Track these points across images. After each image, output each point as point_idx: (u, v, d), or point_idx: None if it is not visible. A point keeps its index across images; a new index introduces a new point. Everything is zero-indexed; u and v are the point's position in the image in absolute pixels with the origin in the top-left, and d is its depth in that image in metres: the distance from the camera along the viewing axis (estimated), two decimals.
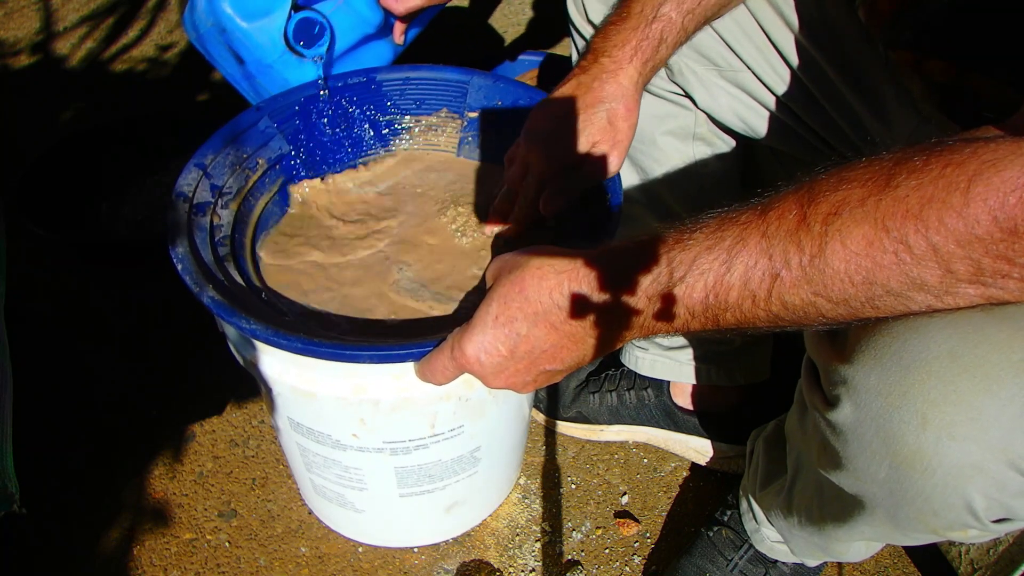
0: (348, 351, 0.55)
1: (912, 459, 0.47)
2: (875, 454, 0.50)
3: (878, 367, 0.48)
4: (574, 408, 0.97)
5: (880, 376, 0.48)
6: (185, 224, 0.64)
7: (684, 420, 0.95)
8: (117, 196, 1.25)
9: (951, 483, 0.47)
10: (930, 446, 0.46)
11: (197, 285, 0.58)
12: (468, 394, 0.67)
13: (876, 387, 0.48)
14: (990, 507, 0.47)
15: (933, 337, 0.46)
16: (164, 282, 0.67)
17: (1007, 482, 0.46)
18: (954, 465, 0.46)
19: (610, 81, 0.64)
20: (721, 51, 0.73)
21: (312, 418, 0.69)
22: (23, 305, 1.14)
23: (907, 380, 0.47)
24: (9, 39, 1.69)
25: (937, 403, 0.45)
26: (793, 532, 0.72)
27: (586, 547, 0.89)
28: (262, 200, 0.74)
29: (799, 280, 0.43)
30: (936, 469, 0.47)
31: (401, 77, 0.79)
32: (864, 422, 0.49)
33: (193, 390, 1.03)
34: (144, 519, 0.90)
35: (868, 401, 0.49)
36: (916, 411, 0.46)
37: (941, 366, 0.46)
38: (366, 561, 0.87)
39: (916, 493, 0.49)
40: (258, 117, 0.74)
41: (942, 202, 0.39)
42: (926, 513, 0.50)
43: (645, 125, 0.80)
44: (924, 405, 0.46)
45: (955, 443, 0.45)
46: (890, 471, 0.49)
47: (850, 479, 0.53)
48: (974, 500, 0.47)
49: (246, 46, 0.78)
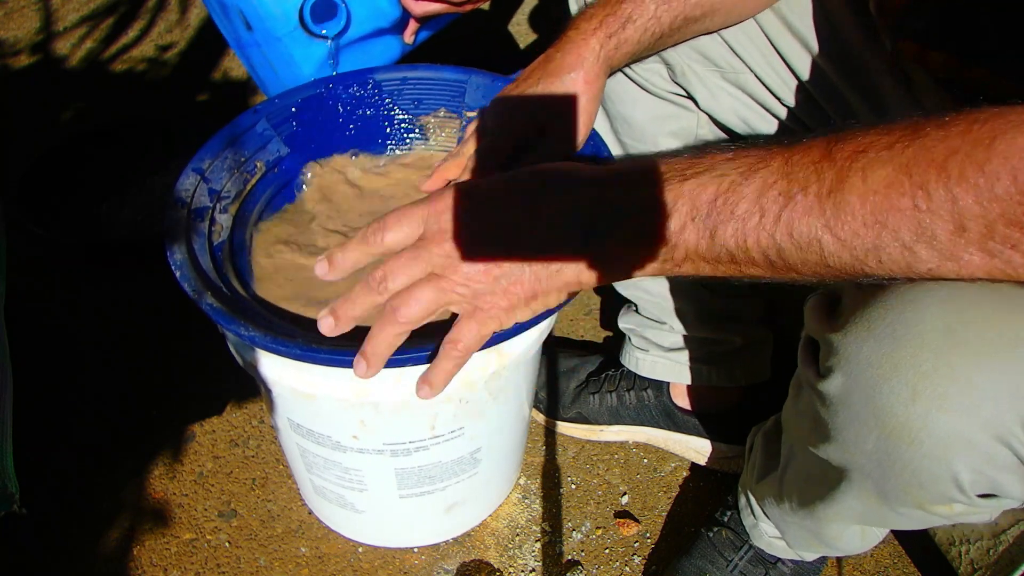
0: (347, 356, 0.55)
1: (900, 430, 0.47)
2: (864, 425, 0.50)
3: (871, 338, 0.48)
4: (574, 408, 0.97)
5: (872, 347, 0.48)
6: (183, 230, 0.63)
7: (684, 420, 0.95)
8: (117, 196, 1.25)
9: (939, 455, 0.47)
10: (919, 418, 0.46)
11: (196, 292, 0.58)
12: (469, 396, 0.67)
13: (868, 358, 0.48)
14: (976, 481, 0.48)
15: (928, 311, 0.46)
16: (164, 282, 0.67)
17: (995, 455, 0.46)
18: (942, 437, 0.46)
19: (571, 52, 0.64)
20: (723, 52, 0.73)
21: (312, 420, 0.69)
22: (23, 305, 1.14)
23: (899, 352, 0.47)
24: (9, 39, 1.69)
25: (928, 376, 0.46)
26: (787, 519, 0.72)
27: (586, 547, 0.89)
28: (261, 203, 0.74)
29: (812, 207, 0.43)
30: (924, 441, 0.47)
31: (399, 77, 0.79)
32: (854, 392, 0.49)
33: (193, 390, 1.03)
34: (144, 519, 0.90)
35: (859, 372, 0.49)
36: (907, 383, 0.46)
37: (934, 339, 0.46)
38: (366, 561, 0.87)
39: (903, 465, 0.49)
40: (256, 119, 0.74)
41: (966, 155, 0.39)
42: (912, 485, 0.50)
43: (647, 127, 0.80)
44: (915, 377, 0.46)
45: (944, 415, 0.45)
46: (878, 442, 0.49)
47: (839, 451, 0.53)
48: (961, 473, 0.47)
49: (258, 13, 0.76)
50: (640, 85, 0.77)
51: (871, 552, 0.88)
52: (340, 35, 0.77)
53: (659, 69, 0.76)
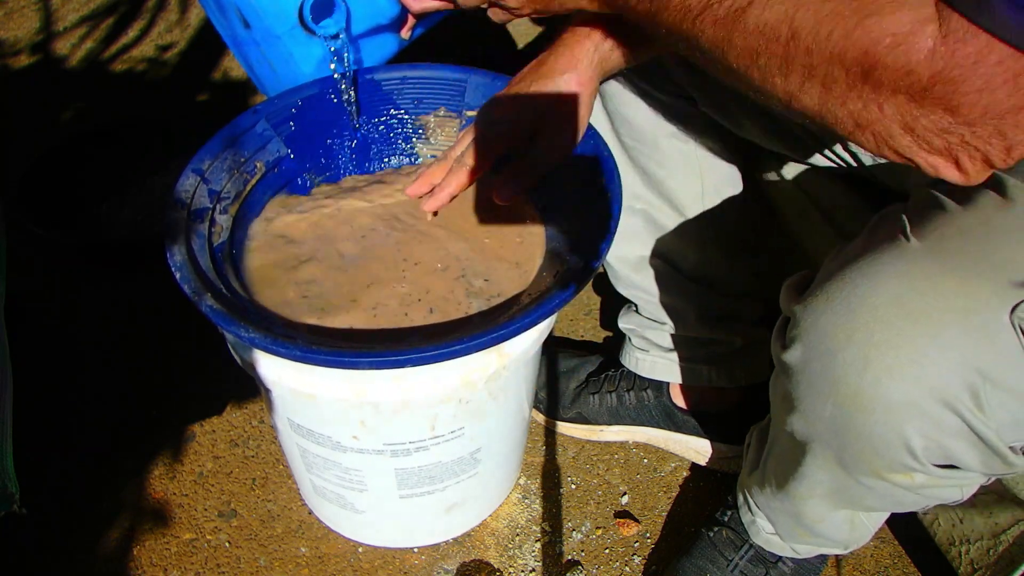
0: (346, 357, 0.55)
1: (854, 398, 0.50)
2: (820, 393, 0.52)
3: (828, 310, 0.50)
4: (574, 409, 0.97)
5: (829, 318, 0.50)
6: (183, 231, 0.63)
7: (684, 420, 0.95)
8: (117, 196, 1.25)
9: (889, 421, 0.49)
10: (870, 386, 0.48)
11: (195, 293, 0.58)
12: (469, 396, 0.67)
13: (824, 328, 0.50)
14: (928, 447, 0.49)
15: (883, 283, 0.49)
16: (164, 282, 0.66)
17: (943, 422, 0.48)
18: (893, 404, 0.48)
19: (565, 55, 0.63)
20: None
21: (312, 420, 0.69)
22: (23, 305, 1.14)
23: (853, 323, 0.49)
24: (9, 39, 1.69)
25: (879, 345, 0.48)
26: (771, 505, 0.73)
27: (586, 547, 0.89)
28: (261, 203, 0.74)
29: None
30: (876, 408, 0.49)
31: (399, 76, 0.79)
32: (812, 362, 0.52)
33: (193, 390, 1.03)
34: (144, 519, 0.90)
35: (816, 342, 0.51)
36: (859, 352, 0.48)
37: (887, 311, 0.48)
38: (366, 561, 0.87)
39: (858, 432, 0.51)
40: (256, 119, 0.74)
41: (844, 17, 0.41)
42: (868, 453, 0.52)
43: (648, 126, 0.80)
44: (867, 347, 0.48)
45: (894, 383, 0.48)
46: (834, 410, 0.51)
47: (801, 421, 0.55)
48: (912, 439, 0.49)
49: (256, 11, 0.76)
50: (641, 85, 0.78)
51: (871, 552, 0.88)
52: (340, 33, 0.77)
53: (660, 69, 0.76)
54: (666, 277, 0.88)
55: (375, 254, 0.71)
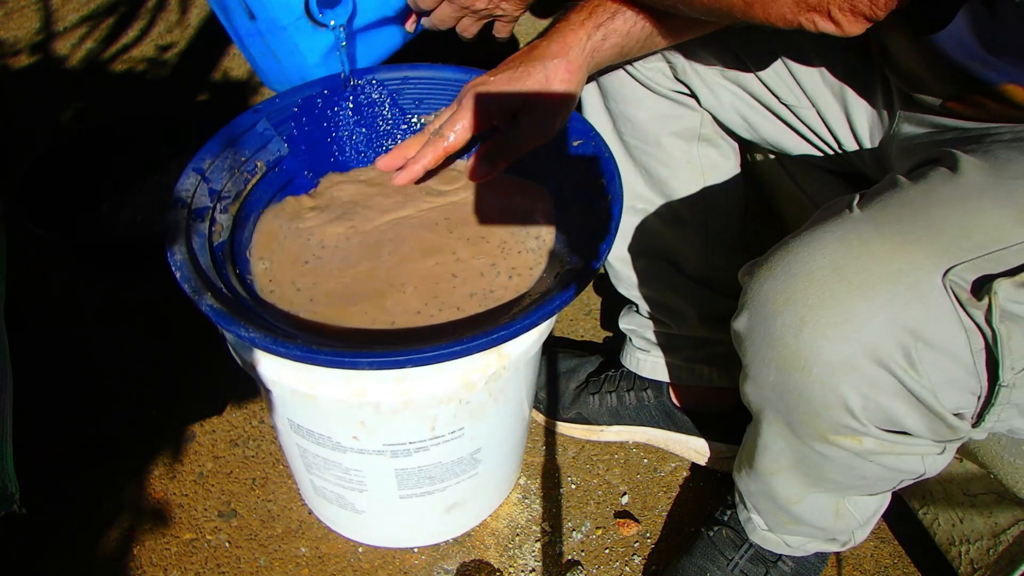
0: (346, 358, 0.55)
1: (792, 359, 0.51)
2: (763, 357, 0.54)
3: (770, 277, 0.53)
4: (574, 409, 0.97)
5: (770, 284, 0.52)
6: (183, 230, 0.63)
7: (683, 421, 0.94)
8: (117, 196, 1.25)
9: (827, 380, 0.50)
10: (806, 346, 0.50)
11: (195, 292, 0.58)
12: (469, 396, 0.67)
13: (766, 294, 0.53)
14: (867, 407, 0.51)
15: (821, 250, 0.51)
16: (163, 282, 0.67)
17: (878, 380, 0.49)
18: (828, 363, 0.50)
19: (557, 41, 0.65)
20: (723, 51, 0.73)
21: (312, 420, 0.69)
22: (23, 305, 1.14)
23: (791, 287, 0.51)
24: (9, 39, 1.69)
25: (815, 307, 0.50)
26: (749, 490, 0.73)
27: (586, 547, 0.89)
28: (261, 203, 0.74)
29: None
30: (812, 368, 0.50)
31: (400, 76, 0.79)
32: (755, 327, 0.54)
33: (193, 390, 1.03)
34: (144, 519, 0.90)
35: (759, 308, 0.53)
36: (796, 315, 0.50)
37: (823, 275, 0.50)
38: (366, 561, 0.87)
39: (799, 393, 0.53)
40: (256, 119, 0.74)
41: None
42: (810, 415, 0.53)
43: (650, 126, 0.80)
44: (803, 309, 0.50)
45: (829, 343, 0.49)
46: (776, 373, 0.53)
47: (752, 387, 0.57)
48: (849, 398, 0.51)
49: (262, 2, 0.76)
50: (643, 84, 0.78)
51: (871, 552, 0.88)
52: (346, 24, 0.76)
53: (662, 67, 0.76)
54: (667, 277, 0.88)
55: (376, 253, 0.71)
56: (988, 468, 0.70)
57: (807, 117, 0.74)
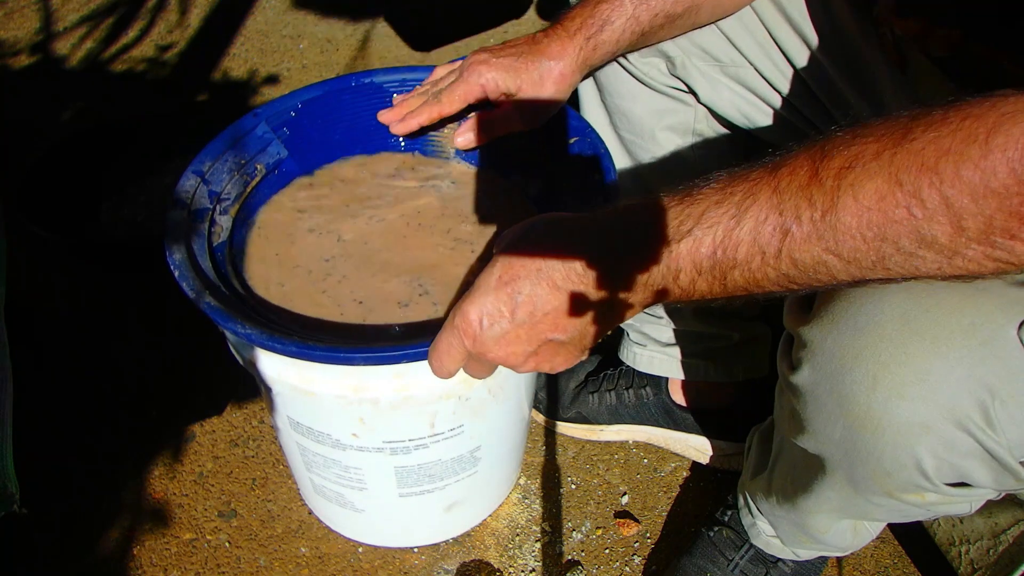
0: (342, 353, 0.55)
1: (863, 419, 0.49)
2: (830, 414, 0.51)
3: (835, 330, 0.50)
4: (573, 408, 0.97)
5: (836, 339, 0.50)
6: (183, 231, 0.64)
7: (683, 418, 0.94)
8: (117, 196, 1.25)
9: (900, 442, 0.48)
10: (880, 406, 0.48)
11: (194, 292, 0.58)
12: (468, 393, 0.67)
13: (831, 349, 0.50)
14: (940, 467, 0.49)
15: (888, 301, 0.48)
16: (163, 282, 0.67)
17: (955, 441, 0.47)
18: (903, 424, 0.48)
19: (556, 43, 0.68)
20: (722, 46, 0.73)
21: (312, 417, 0.69)
22: (23, 305, 1.14)
23: (860, 342, 0.48)
24: (9, 39, 1.70)
25: (887, 364, 0.47)
26: (775, 513, 0.73)
27: (586, 547, 0.89)
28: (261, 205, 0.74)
29: (810, 236, 0.42)
30: (886, 429, 0.48)
31: (398, 79, 0.79)
32: (820, 383, 0.51)
33: (193, 390, 1.03)
34: (144, 519, 0.90)
35: (824, 363, 0.51)
36: (867, 372, 0.48)
37: (893, 329, 0.47)
38: (366, 561, 0.87)
39: (868, 453, 0.50)
40: (256, 122, 0.74)
41: (959, 154, 0.38)
42: (879, 473, 0.51)
43: (645, 120, 0.80)
44: (875, 366, 0.48)
45: (904, 403, 0.47)
46: (844, 431, 0.51)
47: (811, 441, 0.55)
48: (923, 460, 0.48)
49: None
50: (639, 79, 0.77)
51: (871, 552, 0.88)
52: None
53: (658, 63, 0.76)
54: None
55: (374, 250, 0.71)
56: None
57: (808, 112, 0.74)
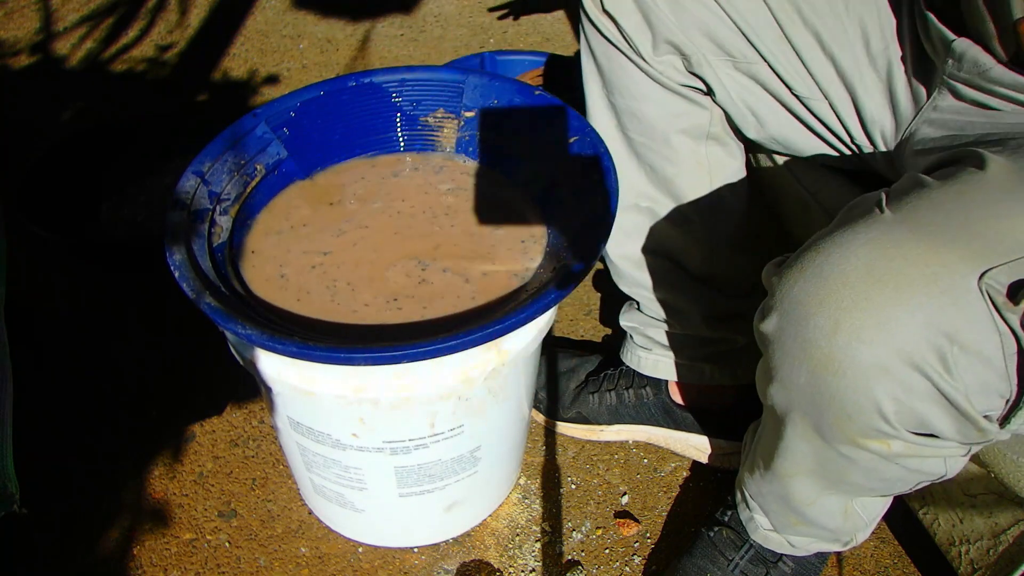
0: (342, 353, 0.55)
1: (825, 362, 0.51)
2: (795, 359, 0.53)
3: (802, 279, 0.52)
4: (574, 409, 0.97)
5: (802, 286, 0.52)
6: (183, 231, 0.64)
7: (683, 418, 0.94)
8: (117, 196, 1.25)
9: (860, 384, 0.50)
10: (840, 349, 0.50)
11: (194, 292, 0.58)
12: (468, 393, 0.67)
13: (797, 296, 0.52)
14: (899, 411, 0.51)
15: (854, 251, 0.51)
16: (163, 282, 0.67)
17: (912, 384, 0.49)
18: (862, 367, 0.49)
19: None
20: (736, 41, 0.72)
21: (312, 417, 0.69)
22: (23, 305, 1.14)
23: (824, 289, 0.51)
24: (9, 39, 1.70)
25: (849, 309, 0.49)
26: (762, 492, 0.73)
27: (586, 547, 0.89)
28: (261, 205, 0.74)
29: None
30: (846, 371, 0.50)
31: (398, 79, 0.79)
32: (786, 329, 0.53)
33: (193, 390, 1.03)
34: (144, 519, 0.90)
35: (790, 309, 0.53)
36: (830, 316, 0.50)
37: (856, 277, 0.50)
38: (366, 561, 0.87)
39: (831, 396, 0.52)
40: (256, 123, 0.74)
41: None
42: (842, 418, 0.53)
43: (659, 123, 0.79)
44: (837, 311, 0.50)
45: (864, 346, 0.49)
46: (808, 375, 0.53)
47: (779, 390, 0.57)
48: (883, 402, 0.50)
49: None
50: (654, 79, 0.76)
51: (871, 552, 0.88)
52: None
53: (674, 60, 0.74)
54: (671, 276, 0.88)
55: (373, 249, 0.71)
56: (989, 467, 0.70)
57: (819, 110, 0.73)
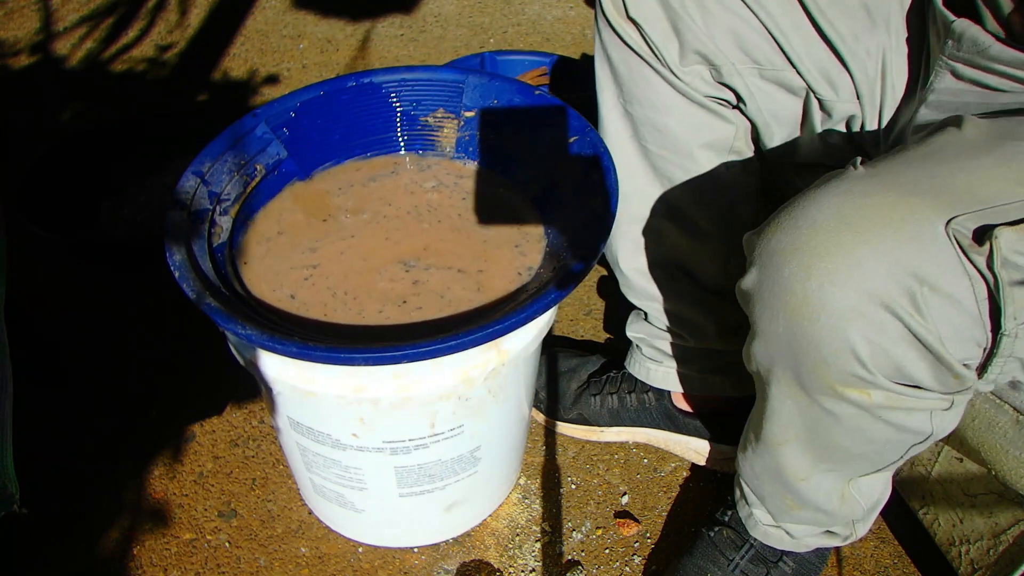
0: (342, 354, 0.55)
1: (800, 307, 0.52)
2: (773, 310, 0.55)
3: (777, 231, 0.54)
4: (575, 410, 0.97)
5: (777, 238, 0.54)
6: (183, 231, 0.64)
7: (685, 422, 0.94)
8: (117, 196, 1.25)
9: (834, 326, 0.51)
10: (814, 293, 0.51)
11: (194, 293, 0.59)
12: (468, 393, 0.67)
13: (773, 248, 0.54)
14: (874, 354, 0.52)
15: (826, 202, 0.53)
16: (163, 282, 0.67)
17: (884, 325, 0.50)
18: (835, 309, 0.51)
19: None
20: (764, 47, 0.70)
21: (312, 417, 0.69)
22: (23, 305, 1.14)
23: (798, 238, 0.52)
24: (9, 39, 1.70)
25: (821, 255, 0.51)
26: (755, 470, 0.73)
27: (586, 547, 0.89)
28: (261, 205, 0.74)
29: None
30: (820, 314, 0.52)
31: (398, 79, 0.79)
32: (764, 281, 0.55)
33: (193, 390, 1.03)
34: (144, 519, 0.90)
35: (766, 261, 0.55)
36: (802, 263, 0.52)
37: (828, 225, 0.51)
38: (366, 561, 0.87)
39: (808, 342, 0.53)
40: (256, 123, 0.74)
41: None
42: (819, 364, 0.54)
43: (682, 136, 0.76)
44: (810, 257, 0.51)
45: (835, 289, 0.51)
46: (784, 323, 0.54)
47: (760, 346, 0.58)
48: (857, 345, 0.51)
49: None
50: (679, 90, 0.73)
51: (871, 552, 0.88)
52: None
53: (701, 71, 0.72)
54: (685, 289, 0.86)
55: (372, 250, 0.71)
56: (991, 465, 0.70)
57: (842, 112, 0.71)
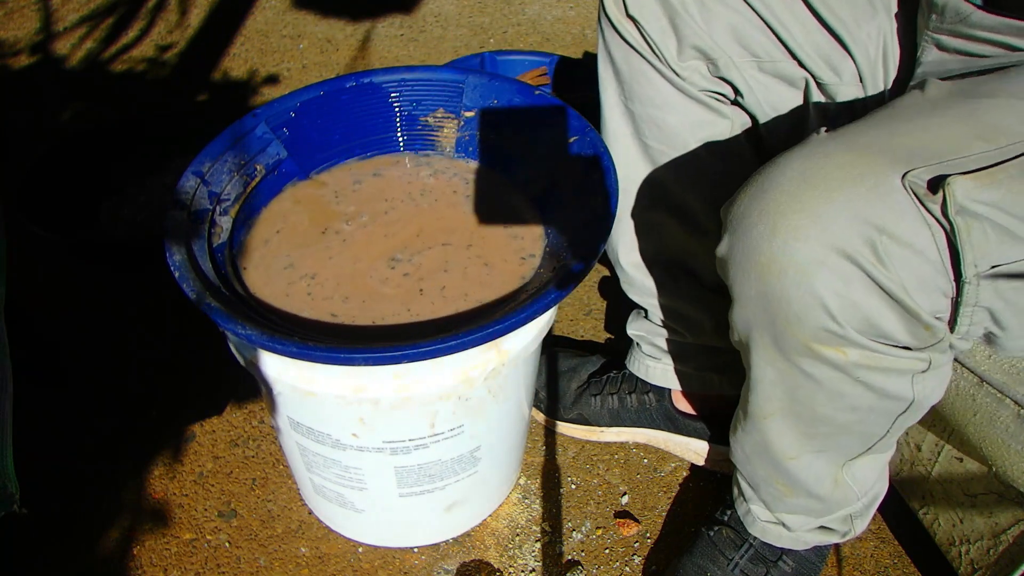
0: (342, 354, 0.55)
1: (768, 265, 0.54)
2: (745, 271, 0.57)
3: (746, 198, 0.57)
4: (575, 410, 0.97)
5: (746, 203, 0.56)
6: (183, 231, 0.64)
7: (685, 423, 0.94)
8: (117, 196, 1.25)
9: (801, 280, 0.53)
10: (779, 249, 0.53)
11: (194, 293, 0.59)
12: (468, 393, 0.67)
13: (743, 212, 0.56)
14: (843, 306, 0.53)
15: (789, 165, 0.55)
16: (163, 282, 0.67)
17: (848, 275, 0.52)
18: (800, 263, 0.53)
19: None
20: (762, 40, 0.71)
21: (312, 417, 0.69)
22: (23, 305, 1.14)
23: (764, 200, 0.55)
24: (9, 39, 1.70)
25: (785, 213, 0.53)
26: (745, 450, 0.73)
27: (586, 547, 0.89)
28: (261, 205, 0.74)
29: None
30: (787, 269, 0.53)
31: (397, 79, 0.79)
32: (735, 245, 0.57)
33: (193, 390, 1.03)
34: (144, 519, 0.90)
35: (736, 226, 0.57)
36: (768, 223, 0.54)
37: (791, 185, 0.54)
38: (366, 561, 0.87)
39: (778, 299, 0.55)
40: (256, 123, 0.74)
41: None
42: (792, 322, 0.56)
43: (680, 131, 0.77)
44: (775, 216, 0.54)
45: (799, 243, 0.53)
46: (756, 283, 0.56)
47: (738, 312, 0.60)
48: (825, 296, 0.53)
49: None
50: (677, 86, 0.74)
51: (871, 552, 0.88)
52: None
53: (699, 66, 0.73)
54: (684, 286, 0.86)
55: (372, 250, 0.71)
56: (992, 460, 0.70)
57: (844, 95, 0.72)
